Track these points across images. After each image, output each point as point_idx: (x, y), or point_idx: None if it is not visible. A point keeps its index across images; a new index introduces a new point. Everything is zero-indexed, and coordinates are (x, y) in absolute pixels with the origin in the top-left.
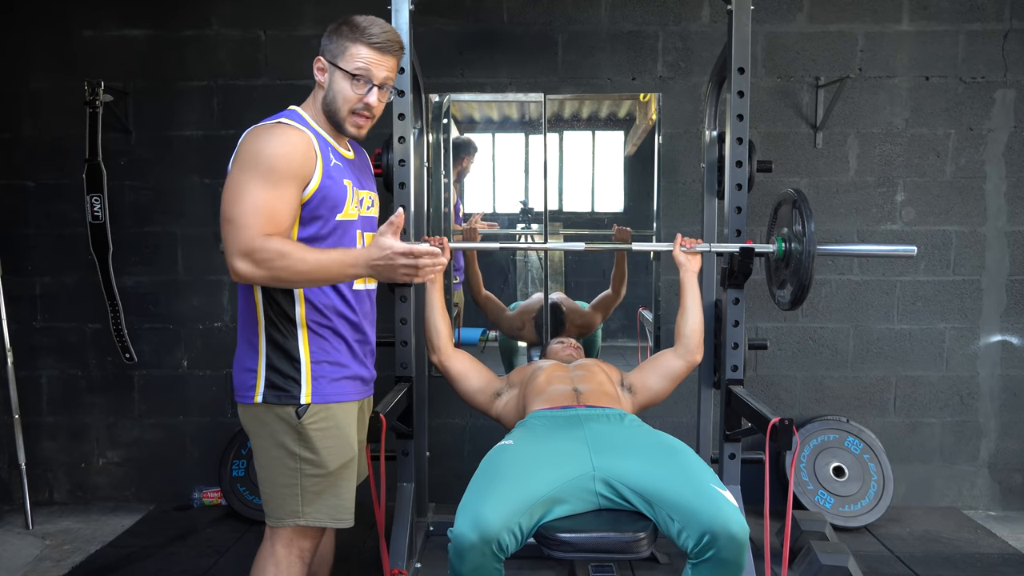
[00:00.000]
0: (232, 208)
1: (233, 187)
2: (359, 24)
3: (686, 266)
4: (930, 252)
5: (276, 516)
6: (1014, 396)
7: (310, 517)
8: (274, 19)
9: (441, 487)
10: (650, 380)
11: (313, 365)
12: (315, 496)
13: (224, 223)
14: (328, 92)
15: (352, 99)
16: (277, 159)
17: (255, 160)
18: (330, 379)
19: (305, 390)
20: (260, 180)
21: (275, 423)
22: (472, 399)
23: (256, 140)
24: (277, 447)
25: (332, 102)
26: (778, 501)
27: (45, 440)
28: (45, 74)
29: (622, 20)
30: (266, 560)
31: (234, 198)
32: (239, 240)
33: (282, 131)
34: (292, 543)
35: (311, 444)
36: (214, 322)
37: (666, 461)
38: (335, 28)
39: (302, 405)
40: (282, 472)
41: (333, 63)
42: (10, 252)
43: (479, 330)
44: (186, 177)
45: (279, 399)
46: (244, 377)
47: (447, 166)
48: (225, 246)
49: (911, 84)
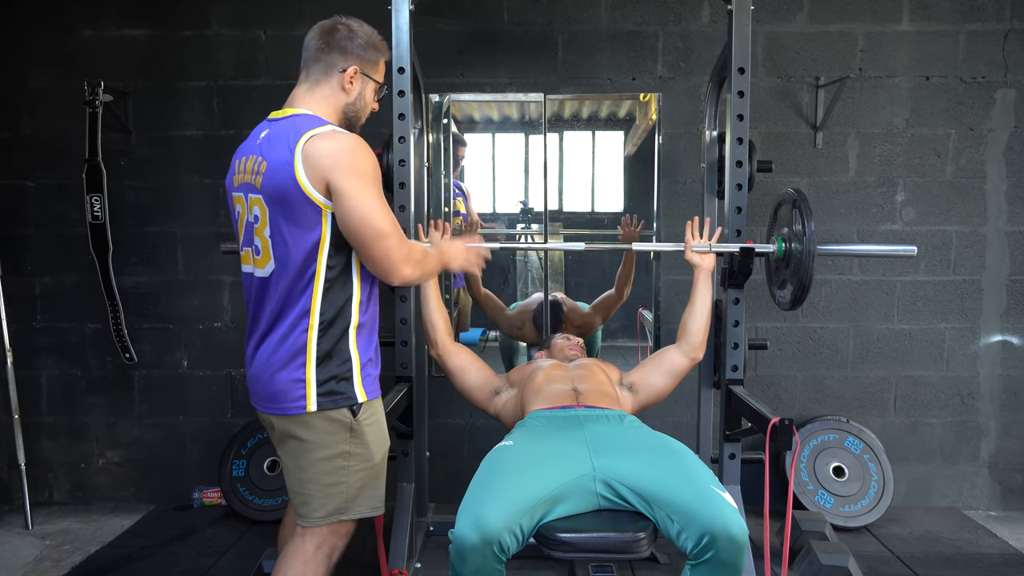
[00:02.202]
0: (383, 222)
1: (373, 202)
2: (381, 39)
3: (700, 265)
4: (930, 252)
5: (317, 516)
6: (1014, 396)
7: (353, 511)
8: (274, 19)
9: (441, 487)
10: (652, 377)
11: (361, 367)
12: (359, 490)
13: (380, 238)
14: (358, 100)
15: (372, 107)
16: (376, 168)
17: (368, 172)
18: (373, 377)
19: (358, 389)
20: (378, 190)
21: (330, 426)
22: (470, 395)
23: (356, 152)
24: (329, 448)
25: (360, 109)
26: (778, 501)
27: (45, 440)
28: (45, 74)
29: (622, 20)
30: (295, 557)
31: (381, 212)
32: (402, 249)
33: (363, 142)
34: (324, 542)
35: (363, 440)
36: (214, 322)
37: (666, 462)
38: (367, 40)
39: (358, 403)
40: (329, 472)
41: (368, 75)
42: (10, 252)
43: (479, 330)
44: (186, 177)
45: (335, 403)
46: (287, 387)
47: (447, 166)
48: (388, 256)
49: (911, 84)
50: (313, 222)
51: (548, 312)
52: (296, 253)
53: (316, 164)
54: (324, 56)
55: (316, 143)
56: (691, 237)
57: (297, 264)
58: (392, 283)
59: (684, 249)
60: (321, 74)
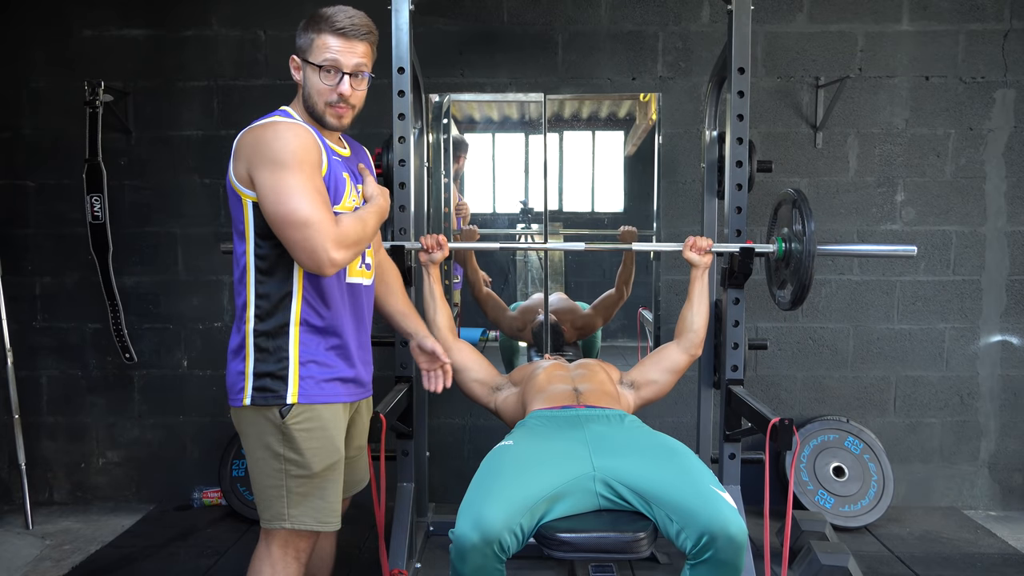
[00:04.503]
0: (298, 210)
1: (285, 189)
2: (323, 14)
3: (699, 264)
4: (930, 252)
5: (266, 518)
6: (1014, 396)
7: (296, 520)
8: (274, 19)
9: (441, 487)
10: (653, 374)
11: (301, 366)
12: (301, 498)
13: (298, 227)
14: (305, 89)
15: (325, 91)
16: (303, 151)
17: (287, 157)
18: (317, 380)
19: (292, 390)
20: (301, 174)
21: (261, 423)
22: (471, 391)
23: (275, 138)
24: (263, 448)
25: (308, 98)
26: (778, 501)
27: (45, 440)
28: (45, 74)
29: (622, 20)
30: (262, 561)
31: (297, 199)
32: (327, 235)
33: (289, 126)
34: (288, 543)
35: (295, 445)
36: (214, 322)
37: (666, 462)
38: (304, 23)
39: (286, 405)
40: (268, 473)
41: (304, 59)
42: (10, 252)
43: (479, 330)
44: (186, 177)
45: (265, 400)
46: (234, 380)
47: (447, 166)
48: (309, 246)
49: (911, 84)
50: (238, 212)
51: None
52: (235, 244)
53: (240, 154)
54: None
55: (246, 134)
56: (693, 241)
57: (236, 255)
58: (324, 273)
59: (683, 248)
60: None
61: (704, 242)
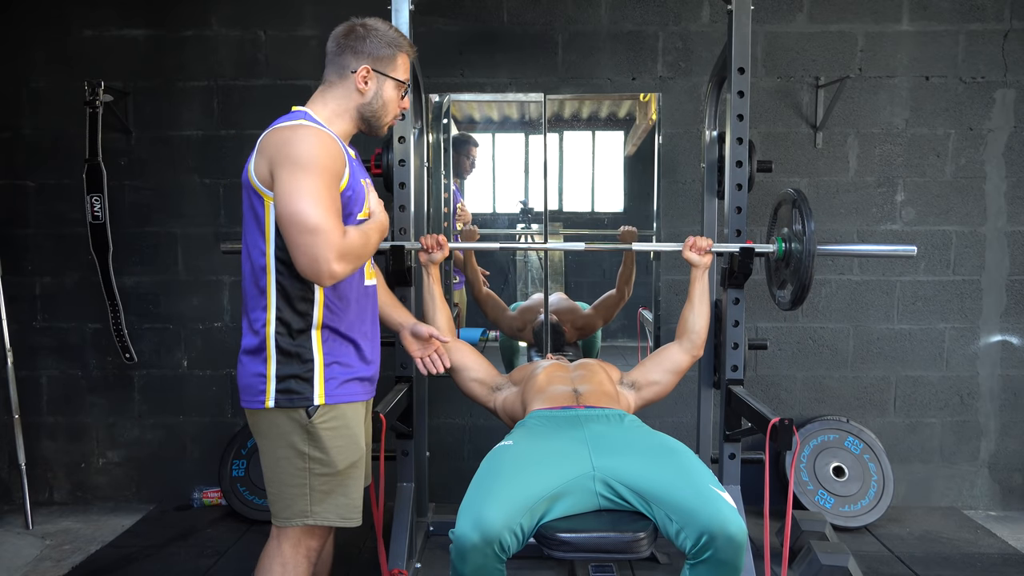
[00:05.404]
0: (310, 215)
1: (301, 191)
2: (397, 35)
3: (699, 264)
4: (930, 252)
5: (284, 516)
6: (1014, 396)
7: (319, 516)
8: (274, 19)
9: (441, 487)
10: (655, 374)
11: (326, 367)
12: (324, 495)
13: (306, 231)
14: (375, 100)
15: (396, 105)
16: (328, 158)
17: (311, 161)
18: (340, 380)
19: (318, 391)
20: (320, 180)
21: (285, 424)
22: (471, 391)
23: (302, 140)
24: (286, 447)
25: (379, 109)
26: (778, 501)
27: (45, 440)
28: (45, 74)
29: (622, 20)
30: (272, 560)
31: (311, 204)
32: (331, 245)
33: (318, 132)
34: (300, 543)
35: (321, 444)
36: (214, 322)
37: (665, 462)
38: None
39: (313, 405)
40: (291, 472)
41: (382, 72)
42: (10, 252)
43: (479, 330)
44: (186, 177)
45: (291, 402)
46: (252, 382)
47: (447, 166)
48: (312, 253)
49: (911, 84)
50: (259, 212)
51: (548, 333)
52: (252, 244)
53: (264, 153)
54: (337, 58)
55: (272, 134)
56: (693, 241)
57: (254, 256)
58: (323, 283)
59: (683, 249)
60: (334, 76)
61: (704, 242)
